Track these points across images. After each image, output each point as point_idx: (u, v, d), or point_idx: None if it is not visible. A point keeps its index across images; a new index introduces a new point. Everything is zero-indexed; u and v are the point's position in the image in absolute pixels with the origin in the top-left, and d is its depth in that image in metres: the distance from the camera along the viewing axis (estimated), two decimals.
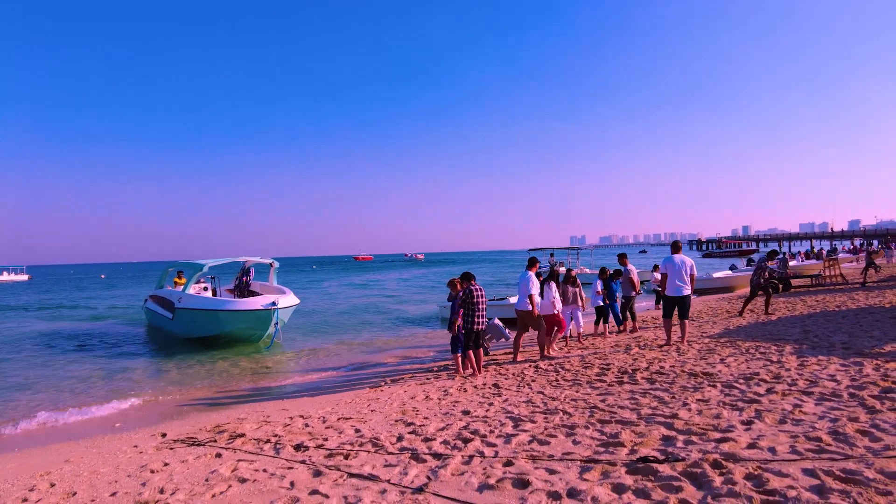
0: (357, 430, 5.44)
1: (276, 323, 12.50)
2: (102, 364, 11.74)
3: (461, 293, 8.08)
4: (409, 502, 3.37)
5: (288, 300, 13.27)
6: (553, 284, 9.46)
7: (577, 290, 10.28)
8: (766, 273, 12.19)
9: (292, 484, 3.94)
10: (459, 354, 8.30)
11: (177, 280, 17.26)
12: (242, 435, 5.64)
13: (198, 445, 5.40)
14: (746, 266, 27.21)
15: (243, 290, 16.39)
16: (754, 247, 68.67)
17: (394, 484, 3.73)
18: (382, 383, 8.39)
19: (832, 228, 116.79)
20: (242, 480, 4.12)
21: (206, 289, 16.84)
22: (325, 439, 5.20)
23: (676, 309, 8.78)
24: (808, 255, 30.99)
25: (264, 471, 4.34)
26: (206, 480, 4.21)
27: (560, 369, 7.78)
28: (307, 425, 5.89)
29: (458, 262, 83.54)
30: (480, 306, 8.24)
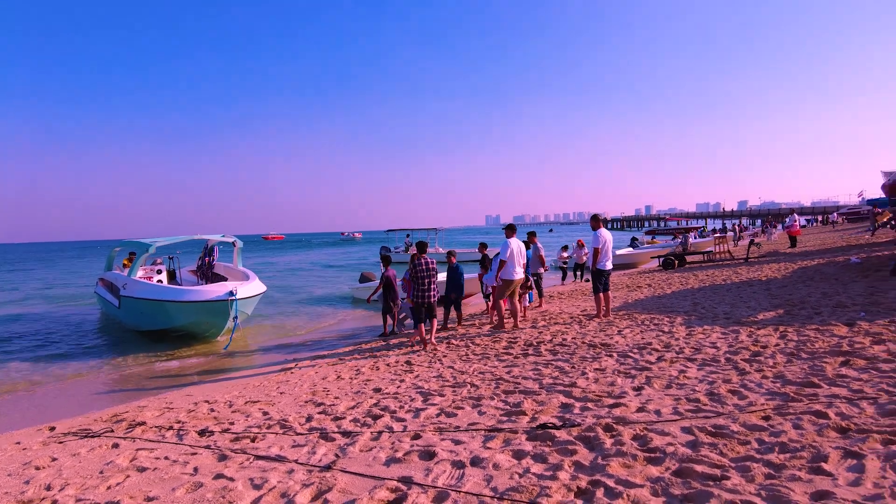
0: (265, 413, 5.36)
1: (236, 317, 10.47)
2: None
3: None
4: (316, 480, 3.38)
5: (250, 288, 11.15)
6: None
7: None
8: None
9: (196, 469, 3.83)
10: (422, 325, 8.31)
11: (126, 263, 15.33)
12: (143, 423, 5.38)
13: (92, 437, 5.09)
14: (643, 246, 28.57)
15: (206, 272, 14.60)
16: (701, 223, 65.10)
17: (301, 463, 3.73)
18: (293, 365, 8.26)
19: (724, 208, 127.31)
20: (142, 469, 3.95)
21: (159, 272, 14.28)
22: (232, 423, 5.08)
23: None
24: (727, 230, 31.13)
25: (166, 458, 4.18)
26: (101, 472, 3.99)
27: (471, 344, 8.01)
28: (213, 410, 5.71)
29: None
30: (431, 279, 8.30)
